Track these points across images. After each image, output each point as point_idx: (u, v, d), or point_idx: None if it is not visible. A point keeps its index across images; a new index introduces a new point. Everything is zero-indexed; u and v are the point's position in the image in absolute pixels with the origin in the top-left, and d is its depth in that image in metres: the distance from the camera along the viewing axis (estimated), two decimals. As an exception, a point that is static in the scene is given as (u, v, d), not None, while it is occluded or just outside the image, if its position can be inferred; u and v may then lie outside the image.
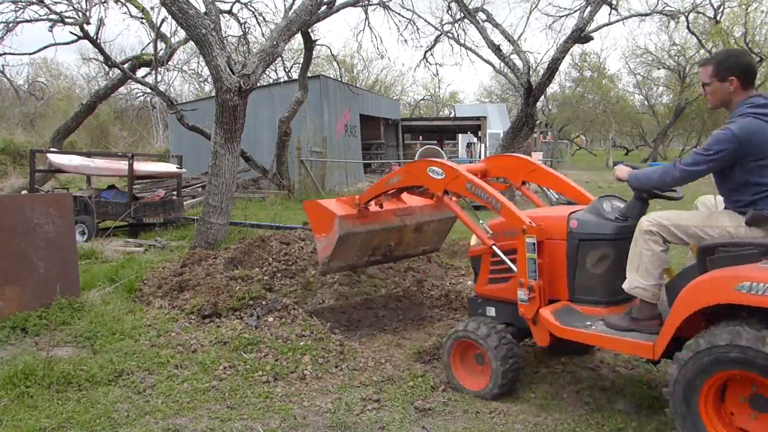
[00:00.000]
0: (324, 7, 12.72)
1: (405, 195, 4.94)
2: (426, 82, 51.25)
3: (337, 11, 13.62)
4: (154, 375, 3.85)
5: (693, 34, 30.42)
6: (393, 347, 4.44)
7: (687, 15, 23.42)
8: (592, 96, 41.31)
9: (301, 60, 17.58)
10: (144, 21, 14.74)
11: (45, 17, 14.41)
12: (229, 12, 15.51)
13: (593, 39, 12.76)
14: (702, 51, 32.56)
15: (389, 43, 66.72)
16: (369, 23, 35.61)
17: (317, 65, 32.03)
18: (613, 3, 13.21)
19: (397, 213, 4.89)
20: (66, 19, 14.23)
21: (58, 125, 18.41)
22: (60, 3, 14.22)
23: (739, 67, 2.93)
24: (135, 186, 10.77)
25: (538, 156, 23.54)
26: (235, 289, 5.04)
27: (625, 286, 3.08)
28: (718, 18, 28.18)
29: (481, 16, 13.81)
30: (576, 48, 22.86)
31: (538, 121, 19.71)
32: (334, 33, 68.05)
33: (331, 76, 25.69)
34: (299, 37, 16.16)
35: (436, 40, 16.23)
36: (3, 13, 15.00)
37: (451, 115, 38.68)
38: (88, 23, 14.26)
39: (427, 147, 15.33)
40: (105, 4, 14.16)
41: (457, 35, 15.49)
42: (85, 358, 4.05)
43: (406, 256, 5.52)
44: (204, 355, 4.09)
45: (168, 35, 14.70)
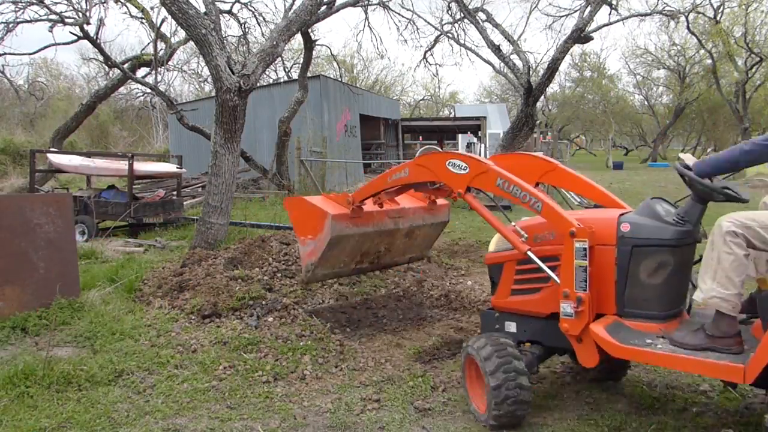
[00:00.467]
0: (324, 7, 12.71)
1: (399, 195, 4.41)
2: (426, 82, 51.28)
3: (337, 11, 13.62)
4: (154, 375, 3.85)
5: (693, 34, 30.41)
6: (393, 347, 4.44)
7: (687, 15, 23.44)
8: (592, 96, 41.35)
9: (301, 60, 17.58)
10: (144, 21, 14.75)
11: (45, 17, 14.41)
12: (229, 12, 15.51)
13: (593, 39, 12.77)
14: (702, 51, 32.58)
15: (389, 43, 66.78)
16: (369, 23, 35.58)
17: (317, 65, 32.05)
18: (613, 3, 13.21)
19: (391, 215, 4.42)
20: (66, 19, 14.23)
21: (58, 125, 18.42)
22: (60, 3, 14.24)
23: None
24: (135, 186, 10.78)
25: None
26: (235, 289, 5.04)
27: (699, 296, 2.70)
28: (718, 18, 28.19)
29: (481, 16, 13.82)
30: (576, 48, 22.86)
31: (538, 121, 19.71)
32: (334, 33, 68.11)
33: (331, 76, 25.69)
34: (299, 37, 16.16)
35: (436, 40, 16.23)
36: (3, 14, 15.01)
37: (451, 115, 38.69)
38: (88, 23, 14.27)
39: (427, 147, 15.32)
40: (105, 4, 14.18)
41: (457, 35, 15.50)
42: (85, 358, 4.05)
43: (393, 264, 5.06)
44: (204, 355, 4.09)
45: (168, 35, 14.71)
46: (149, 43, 16.66)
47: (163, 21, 13.81)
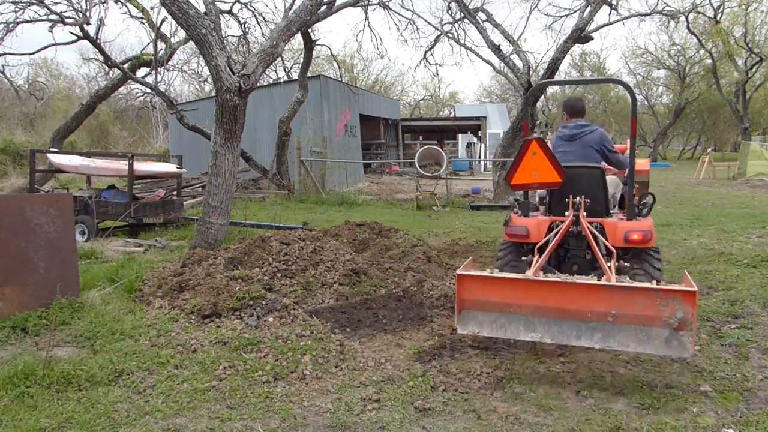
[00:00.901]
0: (324, 7, 12.73)
1: None
2: (426, 82, 51.35)
3: (337, 11, 13.64)
4: (154, 375, 3.85)
5: (693, 34, 30.41)
6: (393, 347, 4.44)
7: (687, 15, 23.45)
8: (592, 96, 41.35)
9: (301, 60, 17.59)
10: (144, 21, 14.76)
11: (45, 17, 14.43)
12: (229, 12, 15.52)
13: (593, 39, 12.79)
14: (702, 51, 32.58)
15: (389, 43, 66.86)
16: (369, 23, 35.58)
17: (317, 65, 32.07)
18: (613, 3, 13.22)
19: None
20: (66, 20, 14.24)
21: (58, 125, 18.43)
22: (60, 3, 14.26)
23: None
24: (135, 186, 10.77)
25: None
26: (235, 289, 5.04)
27: None
28: (718, 18, 28.18)
29: (481, 16, 13.83)
30: (576, 48, 22.86)
31: (538, 121, 19.70)
32: (334, 33, 68.07)
33: (331, 76, 25.70)
34: (299, 37, 16.18)
35: (436, 40, 16.26)
36: (3, 14, 15.08)
37: (451, 115, 38.70)
38: (88, 23, 14.28)
39: (427, 147, 15.32)
40: (105, 4, 14.19)
41: (457, 35, 15.52)
42: (85, 358, 4.05)
43: None
44: (204, 355, 4.09)
45: (168, 35, 14.72)
46: (149, 43, 16.68)
47: (163, 21, 13.84)
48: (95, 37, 14.35)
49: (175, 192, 11.62)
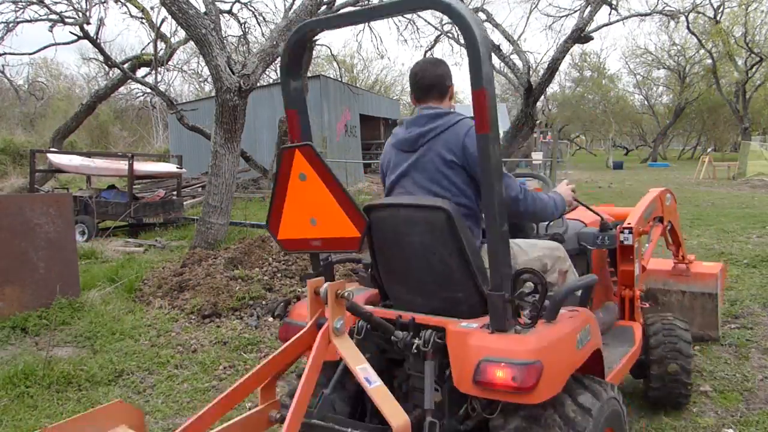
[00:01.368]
0: (324, 7, 12.73)
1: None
2: (426, 82, 51.15)
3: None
4: (154, 375, 3.84)
5: (693, 34, 30.42)
6: (393, 347, 4.43)
7: (687, 15, 23.43)
8: (592, 96, 41.36)
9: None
10: (144, 21, 14.76)
11: (45, 17, 14.43)
12: (229, 12, 15.51)
13: (593, 39, 12.78)
14: (702, 51, 32.58)
15: (389, 43, 66.95)
16: (369, 23, 35.52)
17: (317, 65, 32.03)
18: (613, 3, 13.22)
19: None
20: (66, 19, 14.24)
21: (58, 125, 18.43)
22: (60, 3, 14.26)
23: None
24: (135, 186, 10.77)
25: (538, 156, 23.53)
26: (235, 289, 5.04)
27: None
28: (718, 18, 28.19)
29: (481, 16, 13.83)
30: (576, 48, 22.86)
31: (538, 121, 19.71)
32: (334, 33, 68.21)
33: (331, 76, 25.70)
34: (299, 37, 16.14)
35: (436, 40, 16.26)
36: (3, 13, 15.07)
37: (451, 115, 38.64)
38: (88, 23, 14.28)
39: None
40: (105, 4, 14.19)
41: (457, 35, 15.51)
42: (85, 358, 4.05)
43: None
44: (204, 355, 4.09)
45: (168, 35, 14.73)
46: (149, 43, 16.66)
47: (163, 21, 13.84)
48: (95, 37, 14.35)
49: (175, 192, 11.62)
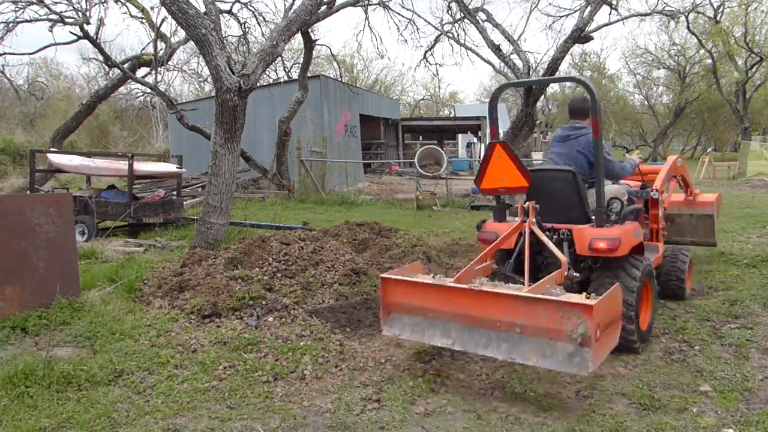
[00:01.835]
0: (324, 7, 12.73)
1: None
2: (426, 82, 51.40)
3: (337, 11, 13.64)
4: (154, 375, 3.85)
5: (693, 34, 30.40)
6: (393, 347, 4.44)
7: (687, 15, 23.44)
8: (592, 96, 41.23)
9: (301, 60, 17.59)
10: (144, 21, 14.76)
11: (45, 17, 14.44)
12: (229, 12, 15.52)
13: (593, 39, 12.79)
14: (702, 51, 32.57)
15: (389, 43, 66.90)
16: (369, 23, 35.61)
17: (317, 65, 32.06)
18: (613, 3, 13.22)
19: None
20: (66, 19, 14.25)
21: (58, 125, 18.43)
22: (60, 3, 14.27)
23: None
24: (135, 186, 10.77)
25: (538, 156, 23.53)
26: (235, 289, 5.04)
27: None
28: (718, 18, 28.18)
29: (481, 16, 13.83)
30: (576, 48, 22.88)
31: (538, 121, 19.71)
32: (334, 33, 68.17)
33: (331, 76, 25.70)
34: (299, 37, 16.18)
35: (436, 40, 16.25)
36: (3, 13, 15.11)
37: (451, 115, 38.71)
38: (88, 23, 14.28)
39: (427, 147, 15.32)
40: (105, 4, 14.19)
41: (457, 35, 15.52)
42: (85, 358, 4.05)
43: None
44: (204, 355, 4.09)
45: (168, 35, 14.73)
46: (149, 43, 16.67)
47: (163, 21, 13.86)
48: (95, 37, 14.36)
49: (175, 192, 11.62)
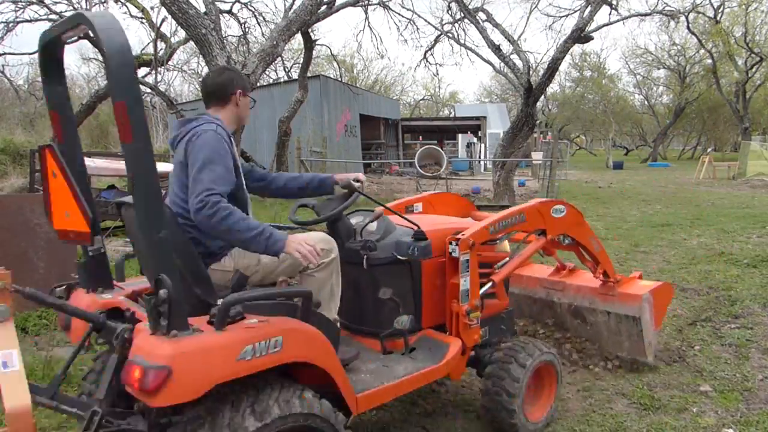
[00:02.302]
0: (324, 7, 12.73)
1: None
2: (426, 82, 51.36)
3: (337, 11, 13.64)
4: (154, 375, 3.84)
5: (693, 34, 30.42)
6: (393, 347, 4.43)
7: (687, 15, 23.45)
8: (592, 96, 41.36)
9: (301, 60, 17.60)
10: (144, 21, 14.76)
11: (45, 17, 14.44)
12: (229, 12, 15.52)
13: (593, 39, 12.79)
14: (702, 51, 32.59)
15: (389, 43, 66.95)
16: (369, 23, 35.65)
17: (317, 65, 32.05)
18: (613, 3, 13.23)
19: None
20: (66, 19, 14.24)
21: (58, 125, 18.39)
22: (60, 3, 14.27)
23: None
24: (135, 186, 10.76)
25: (538, 156, 23.54)
26: (235, 289, 5.02)
27: None
28: (718, 18, 28.20)
29: (481, 16, 13.83)
30: (576, 48, 22.87)
31: (538, 121, 19.72)
32: (334, 33, 68.24)
33: (331, 76, 25.71)
34: (299, 37, 16.17)
35: (436, 40, 16.27)
36: (3, 13, 15.03)
37: (451, 115, 38.73)
38: (88, 23, 14.25)
39: (428, 147, 15.32)
40: (105, 4, 14.18)
41: (457, 35, 15.54)
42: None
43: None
44: (204, 355, 4.08)
45: (168, 35, 14.73)
46: (149, 43, 16.67)
47: (163, 21, 13.85)
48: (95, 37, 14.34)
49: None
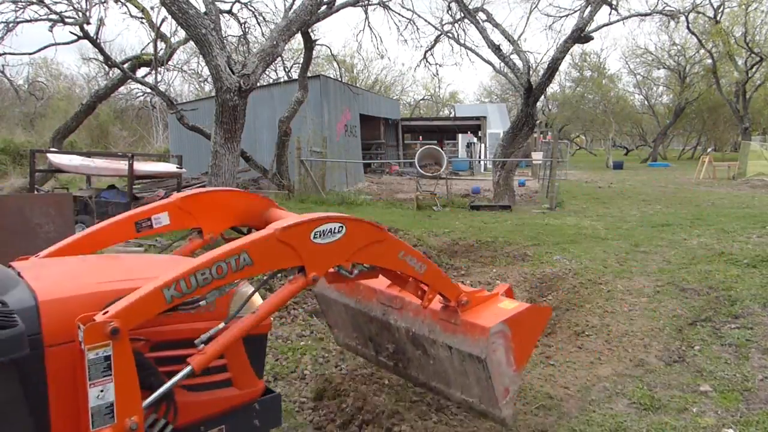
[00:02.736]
0: (324, 7, 12.73)
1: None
2: (426, 82, 51.37)
3: (337, 11, 13.64)
4: (154, 375, 3.84)
5: (693, 34, 30.43)
6: (393, 347, 4.44)
7: (687, 15, 23.47)
8: (592, 96, 41.36)
9: (301, 60, 17.60)
10: (144, 21, 14.77)
11: (45, 17, 14.44)
12: (229, 12, 15.52)
13: (593, 39, 12.80)
14: (702, 51, 32.60)
15: (389, 43, 66.94)
16: (369, 23, 35.66)
17: (317, 65, 32.06)
18: (613, 3, 13.23)
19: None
20: (66, 19, 14.26)
21: (58, 125, 18.44)
22: (60, 3, 14.27)
23: None
24: (135, 186, 10.77)
25: (538, 156, 23.54)
26: (235, 289, 5.03)
27: None
28: (718, 18, 28.20)
29: (481, 16, 13.83)
30: (576, 48, 22.89)
31: (538, 121, 19.73)
32: (334, 33, 68.21)
33: (331, 76, 25.70)
34: (299, 37, 16.18)
35: (436, 40, 16.28)
36: (3, 13, 15.04)
37: (451, 115, 38.75)
38: (88, 23, 14.29)
39: (428, 147, 15.30)
40: (105, 4, 14.20)
41: (457, 35, 15.55)
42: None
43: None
44: (204, 355, 4.09)
45: (168, 35, 14.75)
46: (149, 43, 16.68)
47: (163, 21, 13.86)
48: (95, 37, 14.36)
49: (175, 192, 11.62)
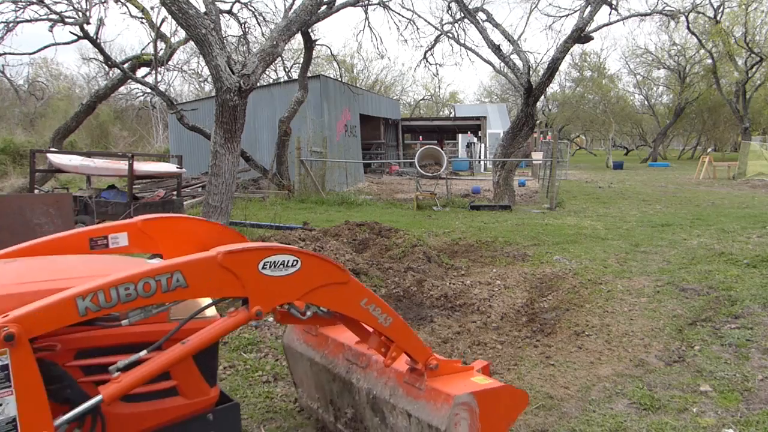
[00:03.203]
0: (324, 7, 12.73)
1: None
2: (426, 82, 51.46)
3: (337, 11, 13.65)
4: (154, 375, 3.84)
5: (693, 34, 30.44)
6: (393, 347, 4.44)
7: (687, 15, 23.49)
8: (592, 96, 41.38)
9: (301, 60, 17.61)
10: (144, 21, 14.77)
11: (45, 17, 14.45)
12: (229, 12, 15.53)
13: (593, 39, 12.81)
14: (702, 51, 32.61)
15: (389, 43, 67.01)
16: (369, 23, 35.66)
17: (317, 65, 32.08)
18: (613, 3, 13.24)
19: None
20: (66, 19, 14.26)
21: (58, 125, 18.44)
22: (60, 3, 14.28)
23: None
24: (135, 186, 10.78)
25: (538, 156, 23.56)
26: (235, 289, 5.03)
27: None
28: (718, 18, 28.21)
29: (481, 16, 13.84)
30: (576, 48, 22.89)
31: (538, 121, 19.73)
32: (334, 33, 68.24)
33: (331, 76, 25.71)
34: (299, 37, 16.20)
35: (436, 40, 16.29)
36: (3, 13, 15.05)
37: (451, 115, 38.76)
38: (88, 23, 14.29)
39: (428, 147, 15.30)
40: (105, 4, 14.20)
41: (457, 35, 15.56)
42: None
43: None
44: (204, 355, 4.09)
45: (168, 35, 14.76)
46: (149, 43, 16.68)
47: (163, 21, 13.88)
48: (95, 37, 14.37)
49: (175, 192, 11.62)
